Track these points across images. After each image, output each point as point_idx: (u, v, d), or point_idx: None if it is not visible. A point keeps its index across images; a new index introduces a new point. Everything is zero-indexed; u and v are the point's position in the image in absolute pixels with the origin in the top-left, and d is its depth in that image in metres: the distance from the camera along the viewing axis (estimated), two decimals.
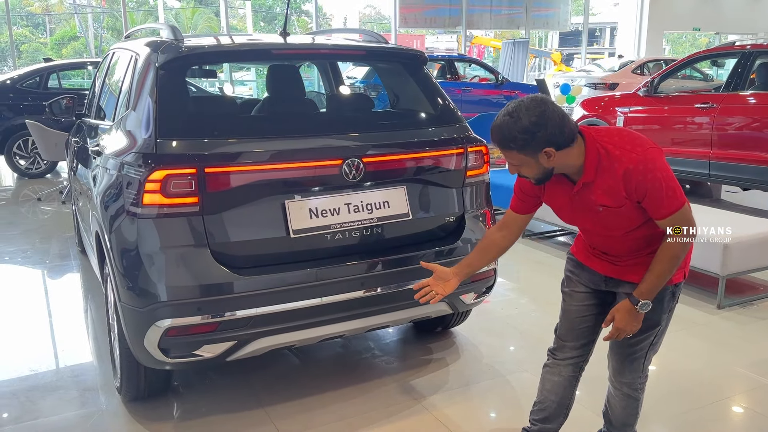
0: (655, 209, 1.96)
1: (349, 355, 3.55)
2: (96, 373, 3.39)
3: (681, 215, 1.96)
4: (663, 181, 1.91)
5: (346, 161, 2.73)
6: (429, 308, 2.98)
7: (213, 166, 2.53)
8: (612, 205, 2.00)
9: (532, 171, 2.00)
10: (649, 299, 2.04)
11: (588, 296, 2.30)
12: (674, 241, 1.97)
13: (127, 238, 2.56)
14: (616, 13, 26.21)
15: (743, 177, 6.36)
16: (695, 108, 6.68)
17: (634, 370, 2.29)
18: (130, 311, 2.56)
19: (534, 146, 1.91)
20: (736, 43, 7.24)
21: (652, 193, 1.92)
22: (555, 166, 1.98)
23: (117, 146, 2.88)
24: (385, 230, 2.87)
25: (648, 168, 1.90)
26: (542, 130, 1.88)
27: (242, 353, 2.63)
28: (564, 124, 1.91)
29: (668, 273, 2.02)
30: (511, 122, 1.90)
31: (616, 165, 1.93)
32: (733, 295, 4.30)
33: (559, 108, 1.93)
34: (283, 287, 2.61)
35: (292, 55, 3.63)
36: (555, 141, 1.90)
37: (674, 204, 1.94)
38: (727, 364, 3.44)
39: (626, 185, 1.93)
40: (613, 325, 2.11)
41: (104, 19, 31.87)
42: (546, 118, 1.88)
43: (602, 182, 1.98)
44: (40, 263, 5.32)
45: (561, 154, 1.94)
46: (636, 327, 2.09)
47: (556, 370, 2.40)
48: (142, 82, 2.83)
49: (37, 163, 9.06)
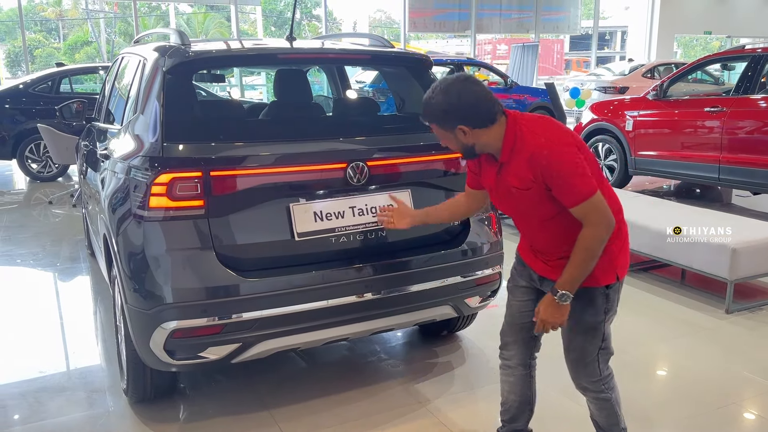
0: (562, 197, 1.98)
1: (355, 358, 3.56)
2: (104, 375, 3.42)
3: (590, 205, 1.96)
4: (568, 169, 1.95)
5: (350, 164, 2.74)
6: (434, 311, 2.99)
7: (218, 169, 2.55)
8: (520, 187, 2.05)
9: (454, 145, 2.13)
10: (568, 290, 2.04)
11: (528, 292, 2.34)
12: (587, 232, 1.98)
13: (134, 240, 2.58)
14: (627, 17, 26.13)
15: (753, 181, 6.32)
16: (705, 112, 6.65)
17: (589, 375, 2.26)
18: (136, 313, 2.58)
19: (449, 123, 2.05)
20: (746, 47, 7.20)
21: (558, 180, 1.96)
22: (476, 144, 2.08)
23: (124, 150, 2.91)
24: (390, 233, 2.87)
25: (552, 154, 1.96)
26: (455, 108, 2.02)
27: (247, 355, 2.65)
28: (479, 104, 2.01)
29: (584, 264, 2.01)
30: (430, 99, 2.06)
31: (526, 147, 2.01)
32: (741, 299, 4.27)
33: (480, 88, 2.03)
34: (288, 290, 2.62)
35: (298, 59, 3.66)
36: (468, 120, 2.02)
37: (582, 192, 1.95)
38: (736, 369, 3.41)
39: (533, 169, 1.99)
40: (538, 317, 2.13)
41: (116, 24, 32.13)
42: (460, 98, 2.01)
43: (515, 164, 2.05)
44: (50, 266, 5.37)
45: (477, 132, 2.04)
46: (560, 319, 2.09)
47: (509, 370, 2.45)
48: (150, 87, 2.86)
49: (48, 166, 9.14)
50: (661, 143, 7.18)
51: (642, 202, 5.52)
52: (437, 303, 2.95)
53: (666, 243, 4.42)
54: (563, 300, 2.06)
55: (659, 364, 3.55)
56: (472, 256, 2.99)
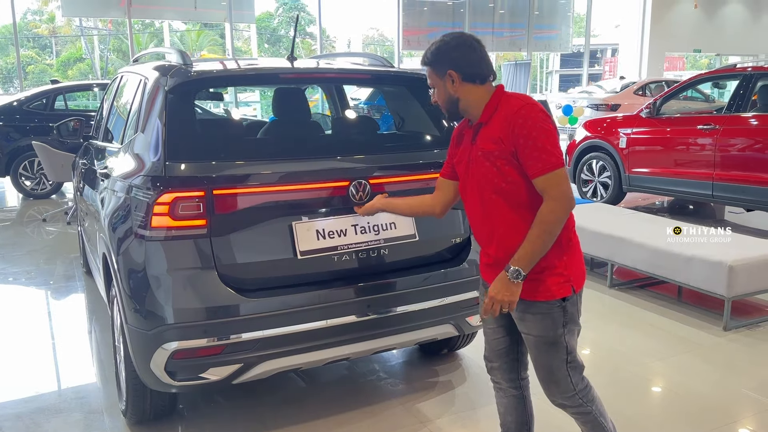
0: (529, 162, 1.97)
1: (355, 377, 3.54)
2: (100, 396, 3.38)
3: (555, 177, 1.95)
4: (542, 134, 1.96)
5: (353, 182, 2.74)
6: (435, 330, 2.98)
7: (221, 188, 2.55)
8: (489, 149, 2.05)
9: (441, 96, 2.15)
10: (520, 267, 1.98)
11: (498, 318, 2.27)
12: (546, 207, 1.97)
13: (135, 260, 2.57)
14: (617, 35, 26.41)
15: (746, 198, 6.38)
16: (698, 129, 6.71)
17: (563, 390, 2.19)
18: (136, 333, 2.56)
19: (441, 65, 2.10)
20: (737, 66, 7.29)
21: (529, 142, 1.95)
22: (460, 99, 2.11)
23: (125, 169, 2.91)
24: (392, 252, 2.87)
25: (531, 115, 1.98)
26: (449, 50, 2.08)
27: (249, 376, 2.62)
28: (472, 55, 2.08)
29: (539, 240, 1.97)
30: (432, 42, 2.13)
31: (506, 108, 2.04)
32: (739, 316, 4.29)
33: (479, 46, 2.09)
34: (290, 310, 2.61)
35: (299, 78, 3.67)
36: (459, 66, 2.08)
37: (549, 161, 1.95)
38: (735, 387, 3.42)
39: (508, 126, 2.00)
40: (487, 294, 2.07)
41: (110, 41, 32.20)
42: (456, 44, 2.08)
43: (492, 125, 2.06)
44: (44, 284, 5.33)
45: (465, 86, 2.09)
46: (509, 298, 2.01)
47: (501, 392, 2.42)
48: (151, 106, 2.86)
49: (42, 183, 9.11)
50: (655, 160, 7.24)
51: (638, 218, 5.55)
52: (439, 322, 2.95)
53: (663, 260, 4.44)
54: (515, 277, 1.99)
55: (658, 382, 3.55)
56: (474, 274, 2.99)
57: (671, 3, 20.36)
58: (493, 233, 2.15)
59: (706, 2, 20.76)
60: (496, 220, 2.11)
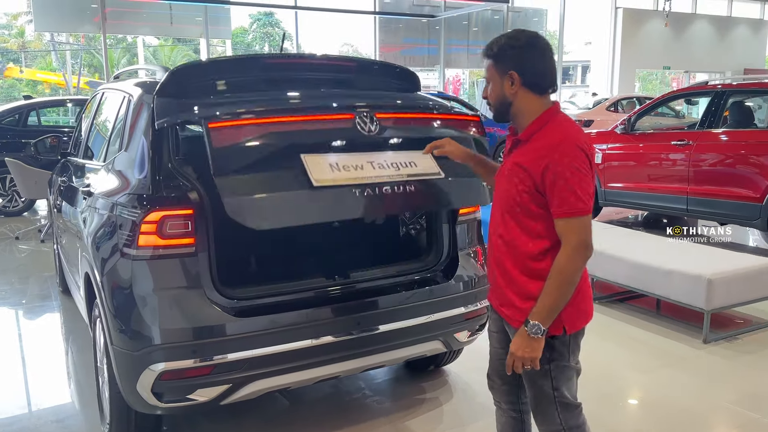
0: (555, 201, 1.87)
1: (340, 395, 3.51)
2: (79, 418, 3.30)
3: (578, 223, 1.87)
4: (575, 176, 1.85)
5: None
6: (424, 347, 2.98)
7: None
8: (519, 167, 1.96)
9: (495, 93, 2.03)
10: (539, 321, 1.90)
11: (501, 339, 2.24)
12: (563, 255, 1.89)
13: (121, 279, 2.53)
14: (588, 52, 26.93)
15: (720, 212, 6.50)
16: (672, 145, 6.85)
17: (549, 423, 2.11)
18: (122, 354, 2.51)
19: (505, 63, 1.98)
20: (708, 83, 7.48)
21: (560, 180, 1.85)
22: (513, 102, 2.00)
23: (109, 186, 2.87)
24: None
25: (568, 152, 1.87)
26: (518, 51, 1.96)
27: (237, 396, 2.59)
28: (540, 63, 1.97)
29: (557, 292, 1.89)
30: (501, 35, 2.01)
31: (548, 136, 1.93)
32: (718, 329, 4.35)
33: (550, 56, 2.00)
34: (279, 328, 2.58)
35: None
36: (523, 70, 1.96)
37: (576, 206, 1.86)
38: (715, 399, 3.46)
39: (540, 157, 1.90)
40: (509, 351, 2.00)
41: (82, 56, 31.84)
42: (529, 46, 1.97)
43: (529, 146, 1.97)
44: (18, 304, 5.21)
45: (523, 91, 1.98)
46: (531, 354, 1.93)
47: (500, 411, 2.37)
48: (137, 123, 2.83)
49: (14, 201, 8.92)
50: (630, 176, 7.36)
51: (617, 233, 5.62)
52: (428, 338, 2.95)
53: (643, 274, 4.50)
54: (534, 332, 1.90)
55: (641, 395, 3.58)
56: (461, 291, 3.00)
57: (641, 21, 20.86)
58: (496, 251, 2.10)
59: (675, 21, 21.30)
60: (503, 239, 2.06)
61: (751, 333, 4.37)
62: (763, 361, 3.98)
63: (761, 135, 6.44)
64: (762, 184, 6.03)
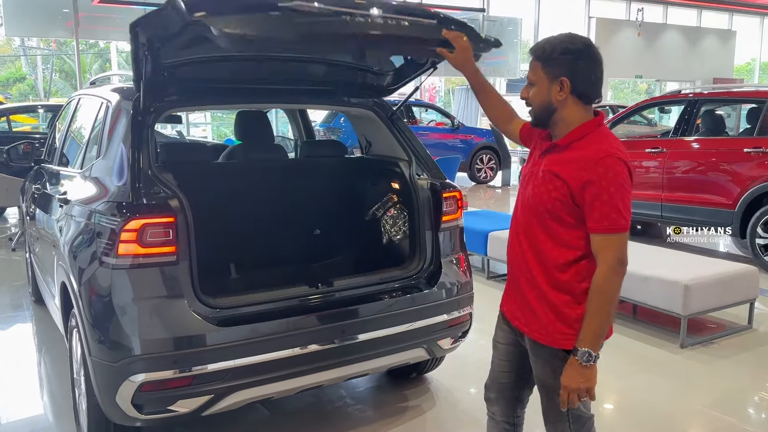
0: (594, 216, 1.80)
1: (321, 404, 3.47)
2: (55, 431, 3.22)
3: (615, 240, 1.81)
4: (619, 192, 1.79)
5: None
6: (408, 354, 2.97)
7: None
8: (558, 172, 1.87)
9: (539, 98, 1.92)
10: (588, 348, 1.84)
11: (507, 351, 2.19)
12: (600, 273, 1.82)
13: (100, 289, 2.47)
14: None
15: (694, 218, 6.62)
16: (646, 153, 6.96)
17: None
18: (101, 365, 2.46)
19: (557, 67, 1.87)
20: (682, 92, 7.62)
21: (602, 195, 1.79)
22: (557, 109, 1.90)
23: (87, 194, 2.81)
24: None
25: (614, 167, 1.80)
26: (574, 58, 1.86)
27: (219, 407, 2.55)
28: (593, 77, 1.88)
29: (600, 312, 1.83)
30: (560, 37, 1.90)
31: (592, 148, 1.85)
32: (694, 334, 4.42)
33: (602, 70, 1.89)
34: (262, 337, 2.55)
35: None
36: (576, 78, 1.86)
37: (616, 222, 1.79)
38: (693, 404, 3.51)
39: (582, 169, 1.82)
40: (561, 385, 1.92)
41: (53, 61, 31.32)
42: (585, 53, 1.86)
43: (568, 154, 1.88)
44: None
45: (571, 99, 1.88)
46: (587, 384, 1.87)
47: (493, 422, 2.31)
48: (115, 129, 2.79)
49: None
50: None
51: None
52: (411, 346, 2.94)
53: None
54: (586, 360, 1.84)
55: (620, 400, 3.61)
56: (444, 298, 3.00)
57: (614, 31, 21.20)
58: (516, 258, 2.04)
59: (646, 30, 21.68)
60: (529, 242, 1.98)
61: (726, 337, 4.45)
62: (739, 365, 4.05)
63: (733, 143, 6.58)
64: (734, 191, 6.16)
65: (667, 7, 23.06)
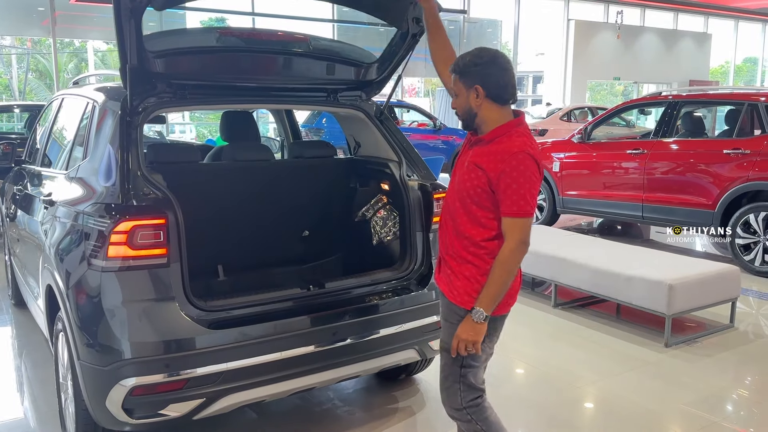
0: (504, 200, 2.10)
1: (310, 407, 3.45)
2: None
3: (521, 223, 2.11)
4: (527, 183, 2.09)
5: None
6: (399, 356, 2.97)
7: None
8: (477, 164, 2.16)
9: (461, 105, 2.23)
10: (482, 308, 2.13)
11: None
12: (506, 248, 2.12)
13: (89, 291, 2.43)
14: (539, 63, 27.45)
15: (674, 219, 6.70)
16: (627, 154, 7.04)
17: (452, 403, 2.29)
18: (90, 369, 2.42)
19: (470, 78, 2.17)
20: (662, 93, 7.72)
21: (513, 184, 2.08)
22: (478, 113, 2.19)
23: (74, 195, 2.77)
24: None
25: (524, 162, 2.09)
26: (481, 68, 2.16)
27: (210, 411, 2.52)
28: (503, 78, 2.16)
29: (500, 280, 2.13)
30: (472, 52, 2.21)
31: (508, 144, 2.13)
32: (678, 333, 4.47)
33: (511, 69, 2.19)
34: (254, 340, 2.53)
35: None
36: (487, 84, 2.15)
37: (523, 208, 2.09)
38: (677, 402, 3.54)
39: (499, 161, 2.11)
40: (455, 336, 2.19)
41: (29, 60, 30.80)
42: (491, 63, 2.16)
43: (490, 148, 2.16)
44: None
45: (487, 103, 2.17)
46: (474, 337, 2.15)
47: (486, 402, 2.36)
48: (102, 130, 2.74)
49: None
50: (587, 183, 7.52)
51: (578, 240, 5.74)
52: (403, 347, 2.94)
53: (605, 280, 4.59)
54: (478, 317, 2.14)
55: (606, 399, 3.64)
56: (435, 299, 3.00)
57: (593, 33, 21.40)
58: (446, 234, 2.30)
59: (624, 33, 21.93)
60: (453, 222, 2.26)
61: (709, 336, 4.51)
62: (722, 363, 4.11)
63: (713, 144, 6.68)
64: (714, 192, 6.25)
65: (644, 10, 23.36)
